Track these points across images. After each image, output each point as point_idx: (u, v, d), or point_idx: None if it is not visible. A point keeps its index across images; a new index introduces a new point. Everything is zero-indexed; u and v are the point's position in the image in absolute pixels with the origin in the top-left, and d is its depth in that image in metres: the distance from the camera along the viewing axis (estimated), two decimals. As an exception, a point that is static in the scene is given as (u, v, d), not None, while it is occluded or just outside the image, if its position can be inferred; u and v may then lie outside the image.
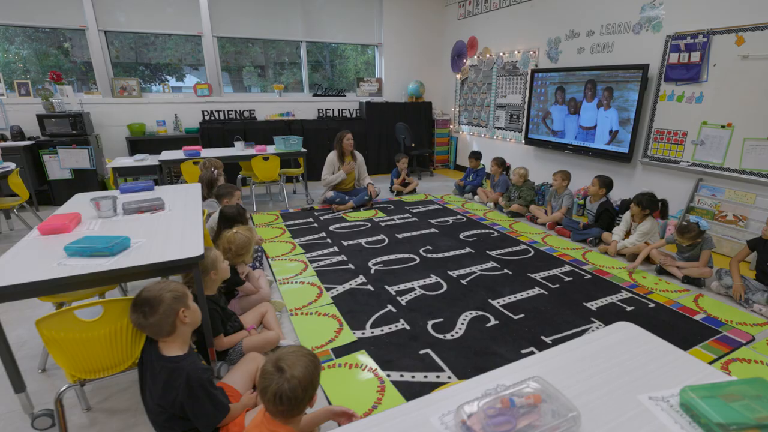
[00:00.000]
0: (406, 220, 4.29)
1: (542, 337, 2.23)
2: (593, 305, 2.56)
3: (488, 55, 5.90)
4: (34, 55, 5.25)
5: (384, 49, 6.72)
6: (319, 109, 6.46)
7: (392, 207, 4.80)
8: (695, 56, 3.52)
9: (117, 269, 1.68)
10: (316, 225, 4.16)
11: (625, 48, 4.09)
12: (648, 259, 3.18)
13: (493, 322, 2.39)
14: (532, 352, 2.10)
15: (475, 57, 6.19)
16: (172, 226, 2.19)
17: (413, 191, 5.45)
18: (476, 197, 5.03)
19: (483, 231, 3.95)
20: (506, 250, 3.46)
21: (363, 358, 2.10)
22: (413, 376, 1.95)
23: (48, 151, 4.83)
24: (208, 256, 2.05)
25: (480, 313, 2.49)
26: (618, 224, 3.49)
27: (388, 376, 1.96)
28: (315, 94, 6.52)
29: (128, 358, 1.64)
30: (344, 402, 1.80)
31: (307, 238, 3.80)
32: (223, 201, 3.24)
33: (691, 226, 2.79)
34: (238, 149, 4.87)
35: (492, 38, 5.85)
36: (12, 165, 3.89)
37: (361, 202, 4.71)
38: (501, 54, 5.66)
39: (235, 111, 5.98)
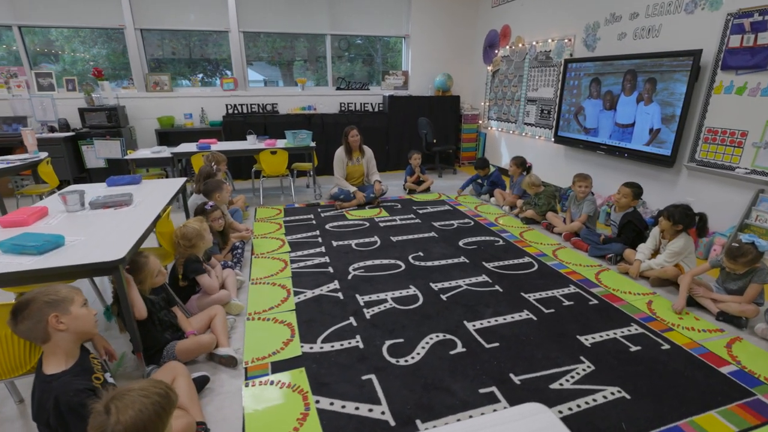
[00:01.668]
0: (408, 222, 3.99)
1: (511, 375, 1.86)
2: (589, 340, 2.12)
3: (521, 45, 5.36)
4: (111, 54, 5.62)
5: (411, 40, 6.39)
6: (341, 103, 6.29)
7: (399, 206, 4.52)
8: (764, 38, 2.86)
9: (33, 270, 1.65)
10: (314, 222, 4.00)
11: (674, 31, 3.45)
12: (674, 283, 2.63)
13: (459, 349, 2.06)
14: (492, 394, 1.75)
15: (508, 47, 5.67)
16: (122, 224, 2.15)
17: (427, 190, 5.11)
18: (493, 199, 4.59)
19: (487, 238, 3.55)
20: (506, 263, 3.05)
21: (299, 377, 1.89)
22: (343, 406, 1.71)
23: (86, 142, 5.12)
24: (143, 262, 1.94)
25: (448, 336, 2.16)
26: (645, 240, 2.94)
27: (317, 402, 1.74)
28: (338, 88, 6.35)
29: (24, 365, 1.55)
30: (257, 427, 1.60)
31: (299, 235, 3.64)
32: (214, 196, 3.16)
33: (746, 248, 2.20)
34: (250, 143, 4.82)
35: (526, 26, 5.30)
36: (43, 154, 4.10)
37: (367, 200, 4.47)
38: (534, 43, 5.11)
39: (258, 105, 5.97)
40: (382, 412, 1.67)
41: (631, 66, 3.73)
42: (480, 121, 6.62)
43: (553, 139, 4.80)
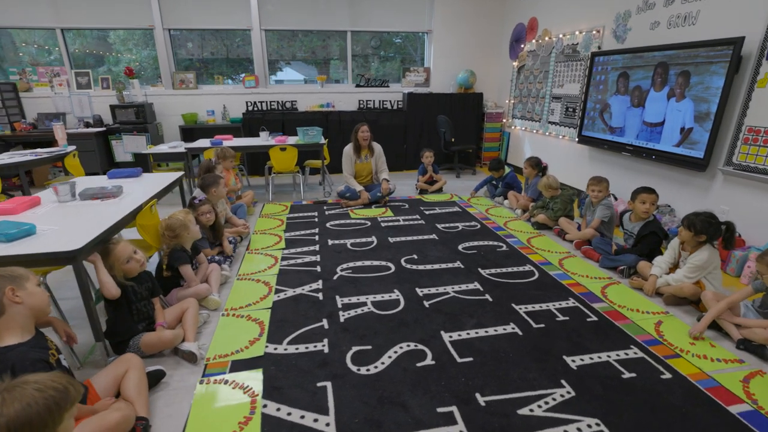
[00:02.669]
0: (411, 223, 3.84)
1: (477, 395, 1.69)
2: (576, 361, 1.89)
3: (547, 38, 5.03)
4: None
5: (434, 36, 6.20)
6: (360, 101, 6.23)
7: (406, 206, 4.37)
8: (819, 24, 2.46)
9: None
10: (316, 220, 3.96)
11: (713, 18, 3.06)
12: (692, 302, 2.32)
13: (427, 361, 1.91)
14: (450, 414, 1.59)
15: (534, 41, 5.35)
16: (101, 215, 2.21)
17: (440, 190, 4.92)
18: (506, 202, 4.33)
19: (490, 243, 3.33)
20: (503, 270, 2.84)
21: (254, 378, 1.84)
22: (289, 413, 1.63)
23: (115, 137, 5.41)
24: (110, 248, 1.97)
25: (419, 347, 2.01)
26: (662, 252, 2.62)
27: (264, 407, 1.67)
28: (357, 85, 6.29)
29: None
30: (198, 427, 1.57)
31: (298, 232, 3.61)
32: (210, 191, 3.19)
33: None
34: (263, 139, 4.87)
35: (554, 18, 4.97)
36: (71, 148, 4.33)
37: (374, 199, 4.37)
38: (561, 36, 4.78)
39: (278, 102, 6.04)
40: (327, 424, 1.57)
41: (662, 58, 3.36)
42: (504, 120, 6.31)
43: (576, 140, 4.46)
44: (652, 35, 3.56)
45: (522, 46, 5.66)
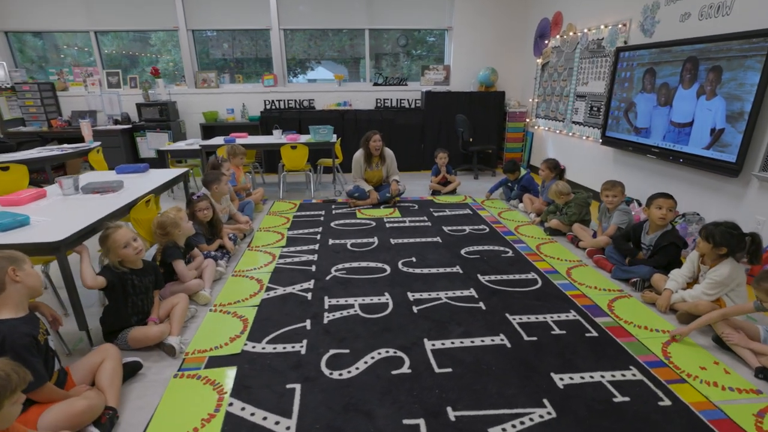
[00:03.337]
0: (417, 224, 3.74)
1: (448, 409, 1.59)
2: (563, 380, 1.74)
3: (572, 33, 4.77)
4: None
5: (454, 32, 6.04)
6: (377, 99, 6.17)
7: (415, 207, 4.28)
8: None
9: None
10: (322, 219, 3.94)
11: (750, 7, 2.77)
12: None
13: (404, 369, 1.82)
14: (416, 427, 1.51)
15: (558, 37, 5.09)
16: (96, 208, 2.25)
17: (453, 192, 4.78)
18: (521, 205, 4.14)
19: (496, 248, 3.18)
20: (504, 277, 2.69)
21: (226, 375, 1.82)
22: (253, 414, 1.60)
23: (140, 134, 5.64)
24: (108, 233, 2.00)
25: (397, 354, 1.93)
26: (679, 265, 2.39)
27: (230, 405, 1.65)
28: (375, 84, 6.24)
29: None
30: (163, 421, 1.56)
31: (301, 231, 3.60)
32: (212, 187, 3.25)
33: None
34: (275, 137, 4.91)
35: (579, 11, 4.71)
36: (96, 144, 4.56)
37: (383, 199, 4.29)
38: (586, 31, 4.51)
39: (295, 101, 6.09)
40: (287, 428, 1.52)
41: (692, 52, 3.08)
42: (527, 120, 6.06)
43: (600, 140, 4.19)
44: (682, 28, 3.28)
45: (546, 42, 5.41)
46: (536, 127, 5.81)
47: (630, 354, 1.92)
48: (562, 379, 1.75)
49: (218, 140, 4.78)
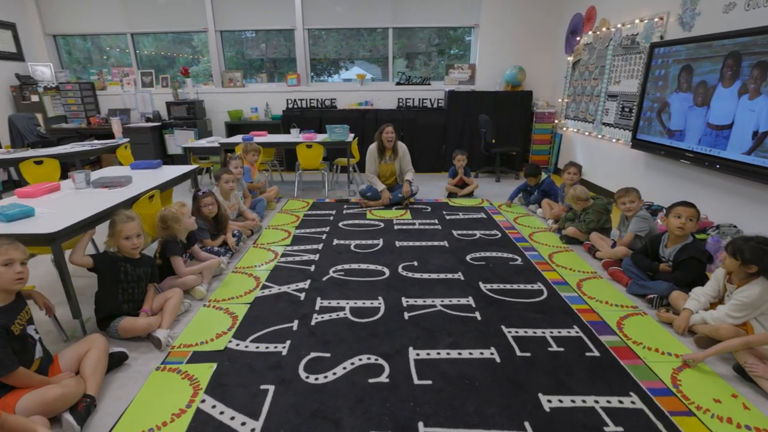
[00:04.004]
0: (426, 227, 3.63)
1: (419, 424, 1.50)
2: (551, 402, 1.60)
3: (605, 29, 4.48)
4: (234, 56, 6.40)
5: (481, 30, 5.85)
6: (399, 99, 6.09)
7: (428, 209, 4.16)
8: None
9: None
10: (331, 218, 3.92)
11: (803, -5, 2.46)
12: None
13: (381, 378, 1.74)
14: (382, 441, 1.42)
15: (591, 33, 4.80)
16: (99, 202, 2.30)
17: (470, 194, 4.62)
18: (540, 210, 3.92)
19: (504, 255, 3.02)
20: (508, 287, 2.54)
21: (204, 372, 1.82)
22: (222, 413, 1.59)
23: (168, 131, 5.88)
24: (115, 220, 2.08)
25: (378, 361, 1.85)
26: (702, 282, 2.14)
27: (202, 401, 1.64)
28: (398, 83, 6.17)
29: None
30: (136, 413, 1.58)
31: (308, 230, 3.60)
32: (217, 183, 3.31)
33: None
34: (293, 136, 4.96)
35: (613, 5, 4.41)
36: (124, 140, 4.78)
37: (396, 200, 4.22)
38: (619, 26, 4.21)
39: (317, 100, 6.13)
40: (252, 429, 1.49)
41: (734, 47, 2.78)
42: (556, 121, 5.77)
43: (630, 144, 3.90)
44: (726, 20, 2.97)
45: (578, 38, 5.12)
46: (565, 129, 5.52)
47: (633, 378, 1.73)
48: (550, 401, 1.60)
49: (237, 138, 4.89)
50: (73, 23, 5.96)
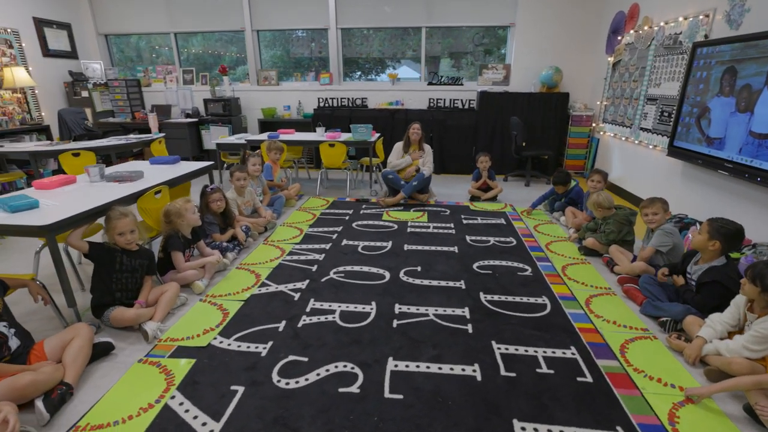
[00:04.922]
0: (440, 231, 3.55)
1: (380, 440, 1.45)
2: (526, 430, 1.49)
3: (647, 27, 4.15)
4: (283, 55, 6.60)
5: (517, 29, 5.62)
6: (430, 99, 5.99)
7: (446, 212, 4.07)
8: None
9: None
10: (346, 218, 3.92)
11: None
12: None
13: (352, 388, 1.70)
14: (339, 454, 1.40)
15: (632, 32, 4.46)
16: (104, 196, 2.40)
17: (494, 198, 4.46)
18: (563, 218, 3.71)
19: (514, 264, 2.87)
20: (509, 299, 2.41)
21: (182, 368, 1.85)
22: (187, 411, 1.60)
23: (204, 127, 6.16)
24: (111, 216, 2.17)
25: (354, 370, 1.82)
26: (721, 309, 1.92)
27: (172, 398, 1.67)
28: (430, 83, 6.07)
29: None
30: (109, 403, 1.63)
31: (320, 228, 3.63)
32: (233, 179, 3.41)
33: None
34: (318, 135, 5.02)
35: (657, 2, 4.06)
36: (159, 135, 5.05)
37: (410, 190, 4.19)
38: (662, 24, 3.88)
39: (348, 99, 6.17)
40: (211, 431, 1.51)
41: (789, 45, 2.47)
42: (593, 124, 5.43)
43: (666, 151, 3.59)
44: (782, 16, 2.64)
45: (620, 38, 4.78)
46: (602, 133, 5.18)
47: (624, 411, 1.57)
48: (524, 429, 1.49)
49: (262, 136, 5.02)
50: (122, 23, 6.38)
